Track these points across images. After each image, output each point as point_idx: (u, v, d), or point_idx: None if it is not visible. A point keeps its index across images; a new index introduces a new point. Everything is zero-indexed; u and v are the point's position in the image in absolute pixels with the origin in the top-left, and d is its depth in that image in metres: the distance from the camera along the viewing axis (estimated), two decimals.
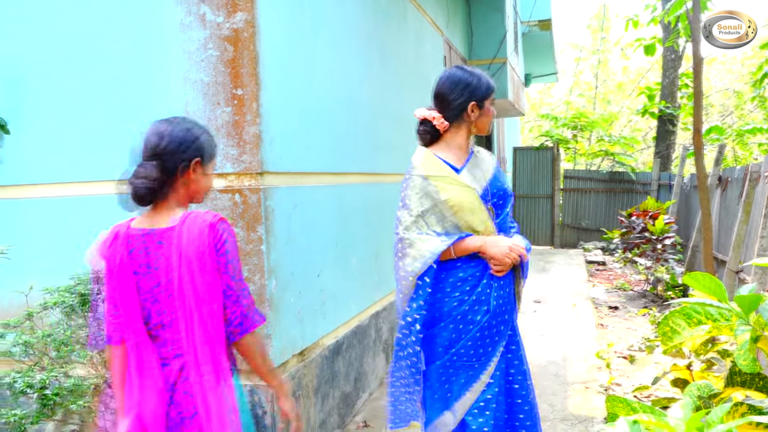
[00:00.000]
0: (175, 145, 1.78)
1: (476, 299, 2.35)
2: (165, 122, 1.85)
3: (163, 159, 1.78)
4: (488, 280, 2.36)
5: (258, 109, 2.85)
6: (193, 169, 1.81)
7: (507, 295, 2.42)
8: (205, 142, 1.85)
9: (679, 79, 13.36)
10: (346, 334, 3.83)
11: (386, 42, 4.82)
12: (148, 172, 1.76)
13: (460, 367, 2.36)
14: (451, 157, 2.43)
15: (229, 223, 1.84)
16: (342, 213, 3.84)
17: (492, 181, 2.44)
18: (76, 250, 3.09)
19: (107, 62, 3.02)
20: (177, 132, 1.80)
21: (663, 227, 7.75)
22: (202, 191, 1.89)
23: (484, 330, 2.35)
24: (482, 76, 2.43)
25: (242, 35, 2.84)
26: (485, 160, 2.50)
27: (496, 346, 2.38)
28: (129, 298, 1.79)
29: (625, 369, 5.02)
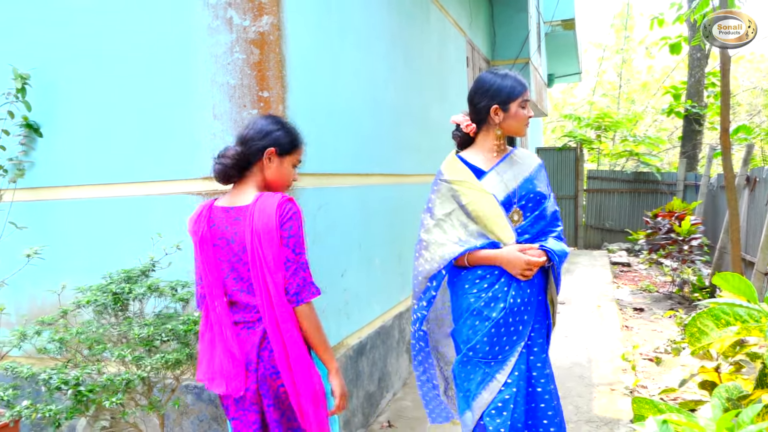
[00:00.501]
0: (254, 133, 2.03)
1: (492, 296, 2.33)
2: (259, 117, 2.12)
3: (244, 145, 2.03)
4: (507, 278, 2.34)
5: (284, 111, 2.89)
6: (268, 157, 2.01)
7: (529, 295, 2.37)
8: (282, 136, 2.04)
9: (705, 78, 13.16)
10: (370, 335, 3.85)
11: (410, 43, 4.84)
12: (228, 154, 2.01)
13: (477, 365, 2.35)
14: (481, 160, 2.43)
15: (295, 203, 2.00)
16: (366, 214, 3.87)
17: (523, 183, 2.39)
18: (107, 250, 3.17)
19: (136, 66, 3.08)
20: (260, 124, 2.05)
21: (690, 228, 7.65)
22: (280, 181, 2.07)
23: (500, 327, 2.31)
24: (508, 77, 2.40)
25: (268, 38, 2.88)
26: (522, 162, 2.45)
27: (513, 345, 2.34)
28: (210, 267, 2.02)
29: (650, 371, 4.96)
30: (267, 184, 2.07)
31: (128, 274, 2.54)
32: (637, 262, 11.14)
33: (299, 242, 1.95)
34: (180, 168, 3.04)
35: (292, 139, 2.08)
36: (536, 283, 2.39)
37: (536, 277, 2.38)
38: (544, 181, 2.48)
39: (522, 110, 2.39)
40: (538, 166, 2.47)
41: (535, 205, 2.39)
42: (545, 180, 2.49)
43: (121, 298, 2.39)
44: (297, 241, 1.95)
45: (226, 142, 2.93)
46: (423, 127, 5.15)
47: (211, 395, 2.99)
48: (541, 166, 2.50)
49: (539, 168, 2.47)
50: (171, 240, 2.91)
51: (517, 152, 2.49)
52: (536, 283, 2.40)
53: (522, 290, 2.34)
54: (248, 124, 2.09)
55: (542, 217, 2.41)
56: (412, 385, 4.47)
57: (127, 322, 2.39)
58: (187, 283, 2.74)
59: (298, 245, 1.95)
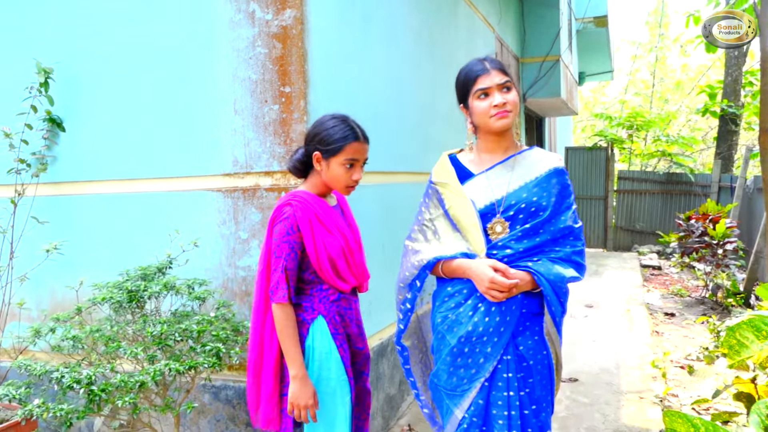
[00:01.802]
0: (309, 134, 2.14)
1: (455, 318, 2.02)
2: (324, 115, 2.17)
3: (305, 146, 2.16)
4: (475, 300, 1.99)
5: (305, 107, 2.82)
6: (317, 161, 2.10)
7: (498, 324, 1.97)
8: (326, 137, 2.07)
9: (743, 77, 12.77)
10: (391, 336, 3.77)
11: (436, 38, 4.74)
12: (294, 156, 2.20)
13: (440, 394, 2.10)
14: (475, 161, 2.13)
15: (296, 208, 2.07)
16: (389, 213, 3.79)
17: (517, 190, 2.00)
18: (127, 245, 3.15)
19: (157, 61, 3.05)
20: (315, 124, 2.14)
21: (724, 231, 7.40)
22: (332, 182, 2.12)
23: (456, 357, 2.01)
24: (467, 66, 2.11)
25: (291, 32, 2.81)
26: (529, 166, 2.06)
27: (472, 379, 2.00)
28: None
29: (681, 379, 4.80)
30: (327, 184, 2.15)
31: (144, 272, 2.50)
32: (668, 265, 10.86)
33: (280, 246, 2.04)
34: (200, 164, 3.00)
35: (336, 140, 2.06)
36: (514, 311, 1.99)
37: (517, 305, 1.99)
38: (555, 189, 2.03)
39: (479, 102, 2.03)
40: (548, 173, 2.03)
41: (528, 217, 1.98)
42: (557, 189, 2.04)
43: (136, 296, 2.35)
44: (278, 245, 2.04)
45: (247, 139, 2.88)
46: (449, 124, 5.05)
47: (228, 394, 2.95)
48: (556, 173, 2.05)
49: (550, 175, 2.04)
50: (189, 237, 2.87)
51: (529, 153, 2.11)
52: (514, 312, 1.99)
53: (490, 316, 1.96)
54: (314, 122, 2.17)
55: (536, 232, 1.99)
56: None
57: (142, 319, 2.35)
58: (204, 282, 2.70)
59: (278, 249, 2.04)
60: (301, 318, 2.12)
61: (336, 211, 2.25)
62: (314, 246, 2.09)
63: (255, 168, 2.91)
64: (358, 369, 2.31)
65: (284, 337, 2.04)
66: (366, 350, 2.32)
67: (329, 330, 2.13)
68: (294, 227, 2.05)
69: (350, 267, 2.21)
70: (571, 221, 2.04)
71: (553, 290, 1.95)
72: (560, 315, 2.04)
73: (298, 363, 2.03)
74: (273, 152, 2.87)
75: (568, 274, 1.98)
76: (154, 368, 2.09)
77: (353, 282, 2.23)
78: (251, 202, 2.91)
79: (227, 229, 2.96)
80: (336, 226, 2.17)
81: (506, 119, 1.99)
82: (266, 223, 2.90)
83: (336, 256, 2.13)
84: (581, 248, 2.05)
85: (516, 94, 2.04)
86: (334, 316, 2.15)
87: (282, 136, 2.85)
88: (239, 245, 2.95)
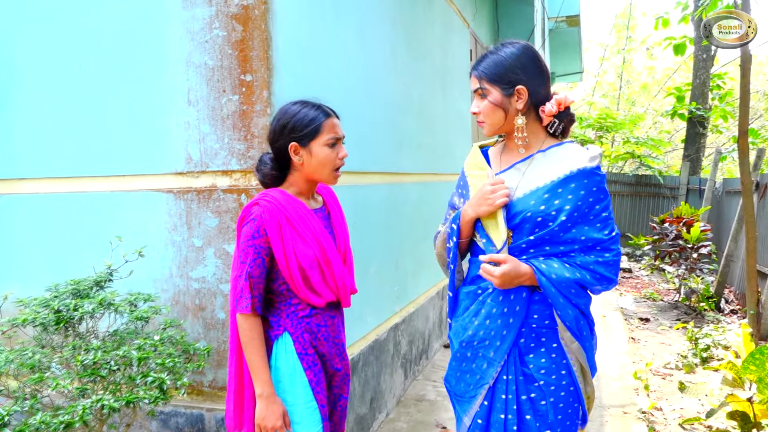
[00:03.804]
0: (275, 130, 1.92)
1: (460, 324, 1.92)
2: (284, 106, 1.95)
3: (272, 146, 1.95)
4: (479, 306, 1.87)
5: (269, 98, 2.50)
6: (294, 153, 1.90)
7: (500, 327, 1.81)
8: (298, 123, 1.88)
9: (710, 80, 12.82)
10: (362, 351, 3.46)
11: (412, 30, 4.44)
12: (263, 168, 1.96)
13: (451, 398, 2.00)
14: (497, 159, 1.95)
15: (265, 209, 1.85)
16: (360, 217, 3.48)
17: (525, 196, 1.79)
18: (64, 254, 2.77)
19: (99, 43, 2.68)
20: (277, 117, 1.93)
21: (699, 235, 7.29)
22: (320, 169, 1.91)
23: (461, 362, 1.91)
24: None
25: (252, 13, 2.48)
26: (548, 167, 1.81)
27: (477, 385, 1.86)
28: None
29: (663, 390, 4.61)
30: (310, 178, 1.94)
31: (77, 287, 2.13)
32: (638, 267, 10.81)
33: (245, 251, 1.84)
34: (148, 161, 2.64)
35: (310, 120, 1.89)
36: (518, 312, 1.80)
37: (521, 306, 1.80)
38: (574, 195, 1.76)
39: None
40: (567, 176, 1.77)
41: (535, 228, 1.77)
42: (579, 194, 1.76)
43: (65, 318, 1.99)
44: (243, 249, 1.85)
45: (203, 133, 2.55)
46: (424, 122, 4.76)
47: (179, 422, 2.60)
48: (580, 176, 1.77)
49: (570, 178, 1.76)
50: (135, 244, 2.52)
51: (555, 151, 1.84)
52: (518, 314, 1.80)
53: (491, 318, 1.83)
54: (273, 117, 1.97)
55: (541, 244, 1.78)
56: (407, 404, 4.09)
57: (72, 345, 1.99)
58: (149, 297, 2.35)
59: (243, 253, 1.85)
60: (267, 334, 1.92)
61: (317, 214, 2.00)
62: (283, 253, 1.85)
63: (211, 166, 2.57)
64: (336, 392, 2.07)
65: (249, 351, 1.85)
66: (344, 369, 2.07)
67: (295, 349, 1.91)
68: (261, 230, 1.84)
69: (326, 279, 1.94)
70: (599, 231, 1.77)
71: (556, 288, 1.74)
72: (574, 321, 1.78)
73: (263, 380, 1.84)
74: (232, 149, 2.53)
75: (573, 276, 1.74)
76: (83, 405, 1.74)
77: (329, 296, 1.95)
78: (206, 205, 2.57)
79: (179, 235, 2.61)
80: (311, 232, 1.91)
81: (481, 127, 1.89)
82: (224, 229, 2.57)
83: (308, 266, 1.88)
84: (609, 259, 1.78)
85: (490, 97, 1.84)
86: (301, 334, 1.92)
87: (242, 131, 2.52)
88: (192, 254, 2.60)
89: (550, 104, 1.82)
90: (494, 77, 1.82)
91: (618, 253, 1.79)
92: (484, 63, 1.85)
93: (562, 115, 1.85)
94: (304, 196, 1.98)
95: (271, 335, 1.92)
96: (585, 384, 1.88)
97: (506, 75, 1.81)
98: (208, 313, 2.60)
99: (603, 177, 1.81)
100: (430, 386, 4.42)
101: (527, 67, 1.82)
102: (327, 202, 2.09)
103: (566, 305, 1.76)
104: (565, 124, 1.87)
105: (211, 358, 2.53)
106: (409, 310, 4.40)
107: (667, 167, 18.09)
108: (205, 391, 2.62)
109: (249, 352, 1.84)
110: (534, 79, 1.82)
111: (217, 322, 2.59)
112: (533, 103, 1.83)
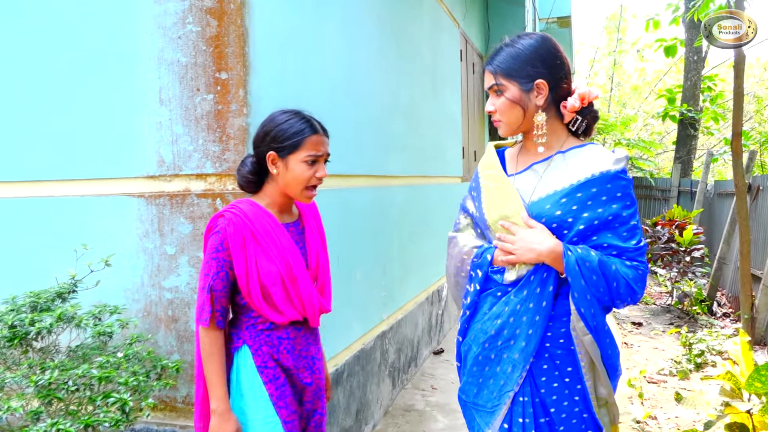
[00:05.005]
0: (258, 135, 1.84)
1: (481, 327, 1.75)
2: (274, 111, 1.88)
3: (255, 150, 1.86)
4: (501, 306, 1.72)
5: (245, 97, 2.36)
6: (272, 163, 1.81)
7: (525, 325, 1.65)
8: (280, 133, 1.79)
9: (701, 82, 12.78)
10: (347, 361, 3.33)
11: (399, 28, 4.31)
12: (243, 170, 1.87)
13: (468, 409, 1.83)
14: (514, 160, 1.81)
15: (231, 222, 1.76)
16: (345, 222, 3.34)
17: (540, 201, 1.66)
18: (27, 263, 2.61)
19: (66, 39, 2.53)
20: (264, 122, 1.85)
21: (691, 238, 7.20)
22: (293, 184, 1.81)
23: (483, 366, 1.75)
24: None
25: (228, 7, 2.34)
26: (565, 168, 1.68)
27: (501, 392, 1.69)
28: None
29: (658, 398, 4.50)
30: (283, 191, 1.85)
31: (37, 299, 1.98)
32: None
33: (209, 263, 1.77)
34: (118, 164, 2.50)
35: (292, 134, 1.80)
36: (545, 308, 1.65)
37: (548, 301, 1.65)
38: (595, 201, 1.61)
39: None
40: (588, 180, 1.62)
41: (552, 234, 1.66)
42: (601, 200, 1.61)
43: (19, 333, 1.84)
44: (207, 261, 1.77)
45: (175, 134, 2.40)
46: (413, 123, 4.63)
47: None
48: (603, 180, 1.61)
49: (591, 182, 1.61)
50: (105, 251, 2.37)
51: (577, 152, 1.70)
52: (544, 310, 1.65)
53: (515, 316, 1.67)
54: (261, 122, 1.89)
55: None
56: (395, 414, 3.96)
57: (28, 362, 1.84)
58: (116, 309, 2.20)
59: (207, 265, 1.77)
60: (227, 347, 1.85)
61: (289, 229, 1.90)
62: (245, 269, 1.76)
63: (184, 169, 2.42)
64: (308, 408, 1.95)
65: (207, 365, 1.78)
66: (315, 383, 1.95)
67: (254, 362, 1.82)
68: (224, 243, 1.77)
69: (290, 298, 1.83)
70: (625, 240, 1.61)
71: (579, 266, 1.57)
72: (588, 306, 1.59)
73: (219, 396, 1.77)
74: (206, 151, 2.39)
75: (596, 259, 1.58)
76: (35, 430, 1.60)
77: (292, 315, 1.84)
78: (180, 211, 2.43)
79: (150, 242, 2.47)
80: (278, 248, 1.80)
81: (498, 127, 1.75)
82: (198, 236, 2.43)
83: (270, 283, 1.78)
84: (634, 271, 1.61)
85: (507, 94, 1.68)
86: (261, 347, 1.83)
87: (217, 132, 2.38)
88: (165, 262, 2.46)
89: (572, 99, 1.67)
90: (511, 72, 1.67)
91: (646, 266, 1.63)
92: (500, 57, 1.70)
93: (585, 111, 1.70)
94: (277, 208, 1.88)
95: (231, 348, 1.85)
96: (597, 386, 1.69)
97: (524, 68, 1.66)
98: (182, 325, 2.45)
99: (629, 182, 1.65)
100: (419, 395, 4.28)
101: (547, 59, 1.66)
102: (303, 216, 1.98)
103: (585, 289, 1.59)
104: (588, 122, 1.72)
105: (184, 373, 2.39)
106: (397, 316, 4.27)
107: (658, 169, 18.05)
108: (179, 408, 2.48)
109: (208, 364, 1.78)
110: (555, 73, 1.67)
111: (191, 335, 2.45)
112: (554, 98, 1.68)
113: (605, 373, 1.68)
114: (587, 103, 1.69)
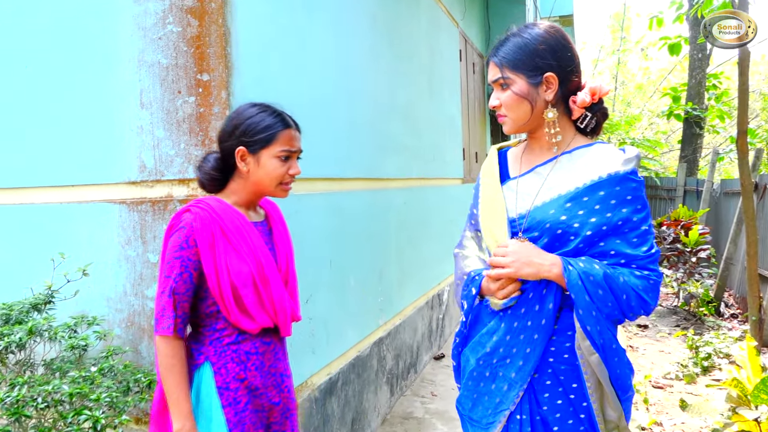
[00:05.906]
0: (225, 130, 1.75)
1: (478, 340, 1.66)
2: (242, 105, 1.78)
3: (219, 146, 1.77)
4: (499, 322, 1.61)
5: (228, 99, 2.28)
6: (241, 159, 1.72)
7: (522, 343, 1.55)
8: (250, 127, 1.70)
9: (706, 80, 12.64)
10: (342, 369, 3.24)
11: (395, 28, 4.23)
12: (206, 167, 1.77)
13: (465, 423, 1.73)
14: (518, 161, 1.70)
15: (198, 217, 1.64)
16: (339, 226, 3.26)
17: (543, 205, 1.55)
18: (2, 273, 2.55)
19: (43, 40, 2.46)
20: (231, 116, 1.76)
21: (697, 239, 7.08)
22: (266, 180, 1.72)
23: (478, 381, 1.65)
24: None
25: (209, 6, 2.26)
26: (571, 170, 1.56)
27: (496, 410, 1.60)
28: None
29: (663, 404, 4.39)
30: (254, 189, 1.76)
31: (9, 311, 1.90)
32: None
33: (171, 264, 1.63)
34: (98, 169, 2.42)
35: (264, 128, 1.70)
36: (544, 327, 1.53)
37: (547, 319, 1.52)
38: (603, 205, 1.49)
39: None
40: (595, 183, 1.50)
41: (555, 242, 1.52)
42: (610, 203, 1.49)
43: None
44: (169, 262, 1.64)
45: (157, 138, 2.33)
46: (410, 124, 4.54)
47: None
48: (611, 182, 1.50)
49: (599, 185, 1.50)
50: (86, 260, 2.29)
51: (583, 153, 1.58)
52: (543, 328, 1.53)
53: (511, 333, 1.57)
54: (228, 115, 1.83)
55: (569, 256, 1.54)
56: (393, 422, 3.87)
57: None
58: (95, 320, 2.12)
59: (168, 267, 1.63)
60: (187, 365, 1.69)
61: (258, 228, 1.78)
62: (215, 268, 1.63)
63: (167, 174, 2.34)
64: (277, 429, 1.82)
65: (167, 378, 1.62)
66: (284, 403, 1.82)
67: (215, 382, 1.68)
68: (190, 240, 1.64)
69: (262, 301, 1.71)
70: (634, 247, 1.49)
71: (582, 281, 1.44)
72: (592, 322, 1.46)
73: (181, 413, 1.61)
74: (189, 155, 2.31)
75: (601, 272, 1.45)
76: None
77: (264, 321, 1.72)
78: (162, 217, 2.35)
79: (133, 250, 2.39)
80: (249, 247, 1.69)
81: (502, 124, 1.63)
82: None
83: (241, 284, 1.66)
84: (645, 281, 1.48)
85: (514, 87, 1.56)
86: (225, 364, 1.69)
87: (199, 135, 2.30)
88: (148, 270, 2.38)
89: (583, 93, 1.54)
90: (518, 63, 1.54)
91: (659, 274, 1.49)
92: (505, 47, 1.57)
93: (594, 108, 1.58)
94: (244, 207, 1.77)
95: (191, 365, 1.70)
96: (605, 407, 1.56)
97: (532, 60, 1.53)
98: None
99: (640, 183, 1.52)
100: (418, 402, 4.19)
101: (556, 50, 1.54)
102: (270, 216, 1.87)
103: (590, 305, 1.46)
104: (598, 119, 1.60)
105: None
106: (395, 322, 4.18)
107: (663, 168, 17.91)
108: None
109: (169, 377, 1.62)
110: (564, 65, 1.54)
111: None
112: (563, 93, 1.56)
113: (614, 394, 1.55)
114: (598, 99, 1.58)
